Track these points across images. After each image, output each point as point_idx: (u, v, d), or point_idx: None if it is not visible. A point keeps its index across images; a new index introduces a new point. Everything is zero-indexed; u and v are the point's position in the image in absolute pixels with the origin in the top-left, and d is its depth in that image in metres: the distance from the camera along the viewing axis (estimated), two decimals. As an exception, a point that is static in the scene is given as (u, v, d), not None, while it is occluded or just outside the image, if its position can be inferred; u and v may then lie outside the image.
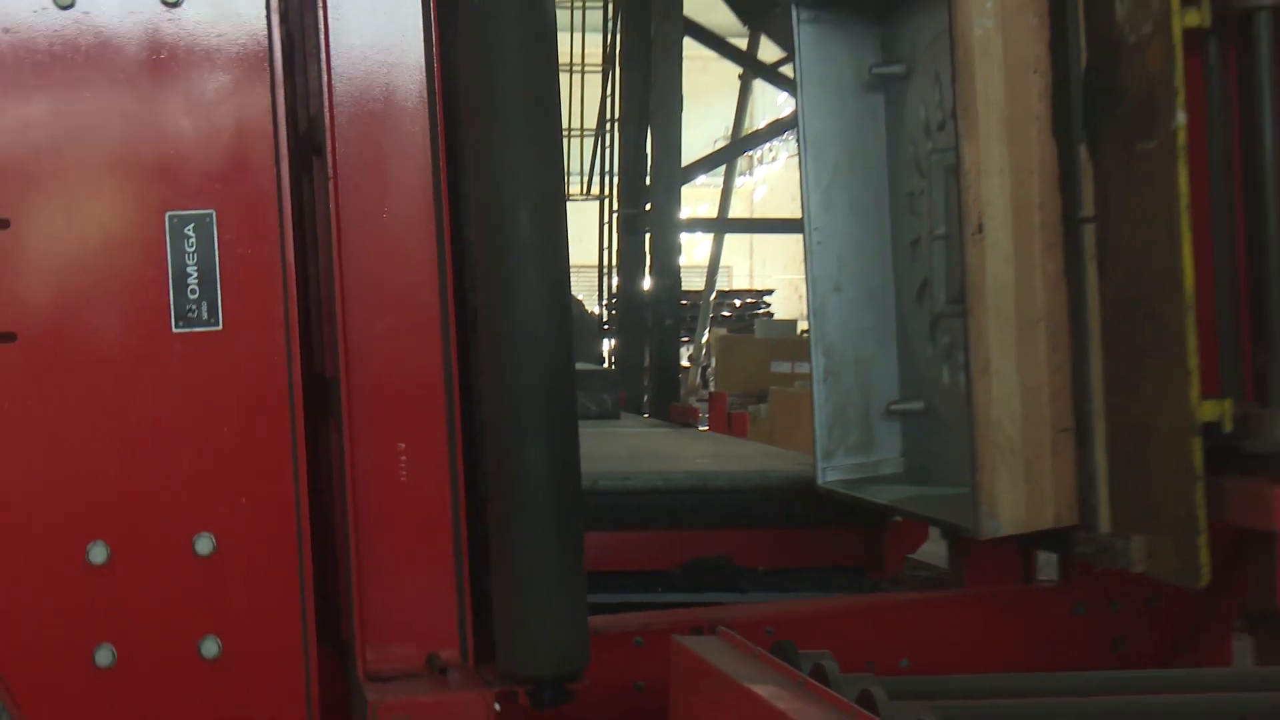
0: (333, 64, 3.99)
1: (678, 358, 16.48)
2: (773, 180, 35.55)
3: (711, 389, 17.66)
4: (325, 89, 4.02)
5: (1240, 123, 4.26)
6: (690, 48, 15.78)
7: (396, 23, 4.04)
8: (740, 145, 21.00)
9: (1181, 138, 4.06)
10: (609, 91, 18.00)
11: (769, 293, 27.71)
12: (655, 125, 15.38)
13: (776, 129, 23.16)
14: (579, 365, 13.92)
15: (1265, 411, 4.09)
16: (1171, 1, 4.06)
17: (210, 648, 3.87)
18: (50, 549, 3.87)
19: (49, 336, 3.86)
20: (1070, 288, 4.47)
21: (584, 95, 18.33)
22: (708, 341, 20.87)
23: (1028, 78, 4.48)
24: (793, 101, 18.85)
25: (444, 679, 3.95)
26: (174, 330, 3.88)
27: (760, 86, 20.87)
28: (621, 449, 8.99)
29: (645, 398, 15.43)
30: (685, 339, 18.30)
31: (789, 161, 34.35)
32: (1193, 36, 4.13)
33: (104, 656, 3.81)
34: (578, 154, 19.81)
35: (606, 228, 18.63)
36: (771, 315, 24.99)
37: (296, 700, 3.98)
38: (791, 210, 32.61)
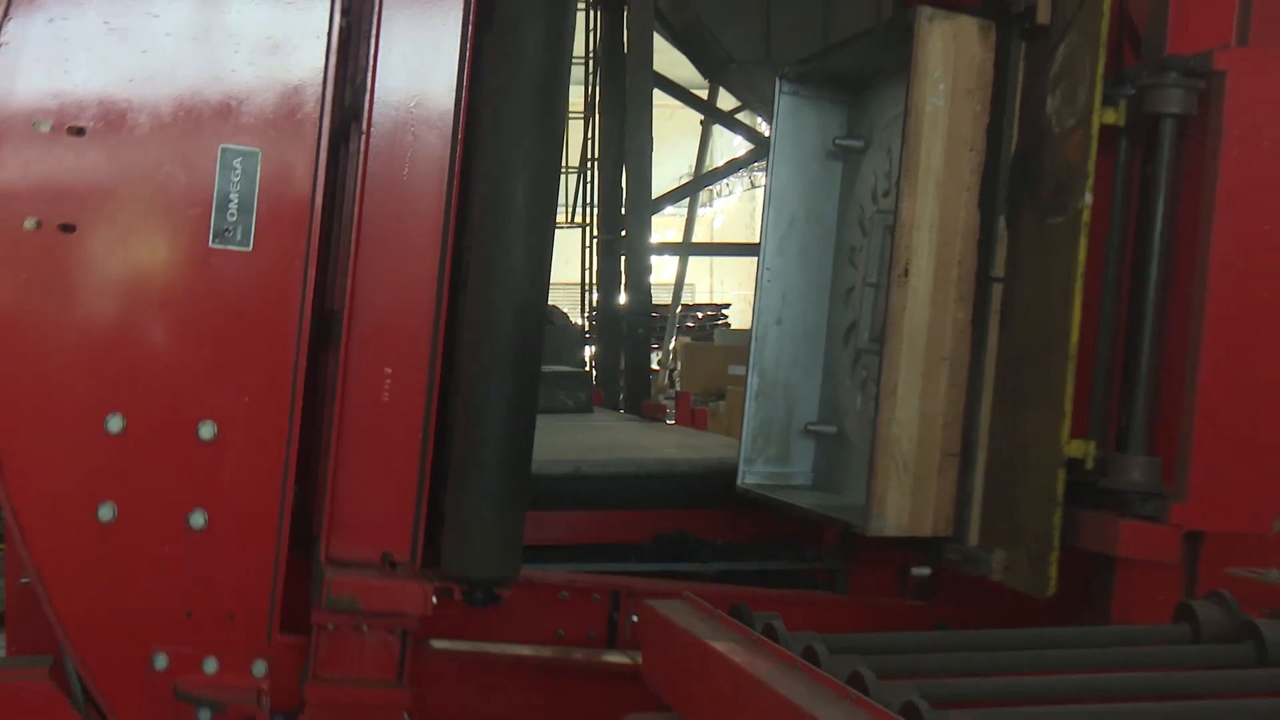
0: (379, 61, 4.26)
1: (648, 362, 16.87)
2: (729, 210, 36.05)
3: (677, 389, 18.01)
4: (370, 73, 4.26)
5: (1137, 209, 4.51)
6: (659, 98, 16.23)
7: (435, 50, 4.30)
8: (702, 181, 21.49)
9: (1086, 216, 4.31)
10: (589, 135, 18.66)
11: (726, 306, 27.97)
12: (629, 163, 15.86)
13: (732, 167, 23.62)
14: (560, 368, 14.32)
15: (1122, 456, 4.33)
16: (1095, 101, 4.33)
17: (198, 519, 4.09)
18: (75, 414, 4.10)
19: (103, 233, 4.09)
20: (975, 335, 4.69)
21: (568, 138, 18.95)
22: (674, 348, 21.25)
23: (965, 153, 4.72)
24: (746, 144, 19.40)
25: (392, 571, 4.16)
26: (210, 245, 4.12)
27: (718, 131, 21.45)
28: (601, 440, 9.32)
29: (621, 396, 15.76)
30: (655, 346, 18.63)
31: (743, 195, 34.85)
32: (1108, 132, 4.41)
33: (106, 513, 4.03)
34: (562, 188, 20.34)
35: (587, 251, 19.31)
36: (729, 325, 25.23)
37: (264, 576, 4.16)
38: (745, 236, 32.97)
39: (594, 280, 18.47)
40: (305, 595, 4.23)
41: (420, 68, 4.34)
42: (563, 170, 21.28)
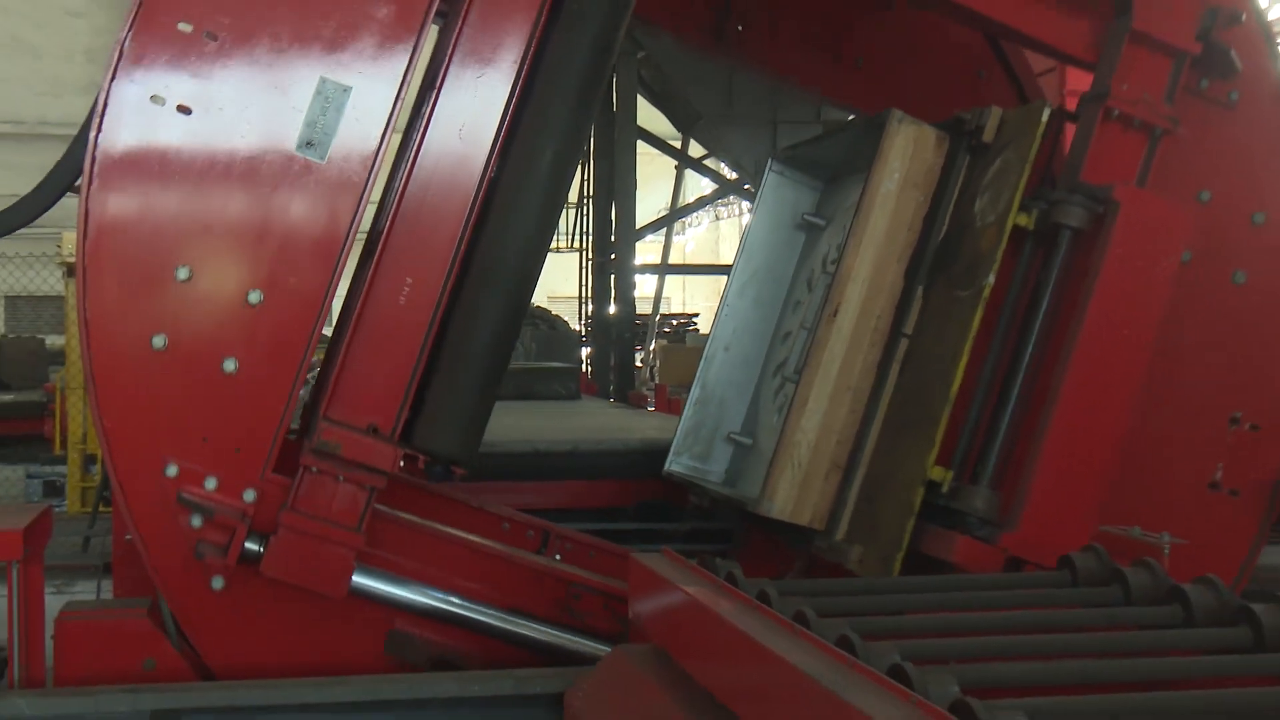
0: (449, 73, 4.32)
1: (633, 360, 17.09)
2: (698, 238, 36.18)
3: (656, 382, 18.18)
4: (443, 69, 4.32)
5: (1029, 297, 4.64)
6: (641, 147, 16.51)
7: (486, 100, 4.30)
8: (676, 214, 21.63)
9: (986, 293, 4.50)
10: (585, 176, 18.53)
11: (696, 315, 28.00)
12: (618, 200, 16.12)
13: (701, 203, 24.06)
14: (554, 364, 14.31)
15: (972, 487, 4.46)
16: (1013, 206, 4.51)
17: (230, 365, 4.12)
18: (150, 265, 4.12)
19: (210, 119, 4.10)
20: (878, 375, 4.80)
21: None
22: (654, 349, 21.37)
23: (902, 231, 4.83)
24: (711, 185, 19.45)
25: (375, 435, 4.20)
26: (293, 149, 4.17)
27: (689, 174, 21.62)
28: (594, 423, 9.23)
29: (611, 387, 16.05)
30: (638, 347, 18.81)
31: (710, 226, 34.99)
32: (1019, 232, 4.57)
33: (159, 342, 4.07)
34: (563, 220, 20.50)
35: (583, 271, 19.43)
36: (698, 331, 25.49)
37: (271, 423, 4.16)
38: (710, 259, 33.14)
39: (589, 294, 18.64)
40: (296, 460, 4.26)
41: (475, 102, 4.39)
42: (566, 205, 21.33)
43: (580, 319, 21.19)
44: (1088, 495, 4.42)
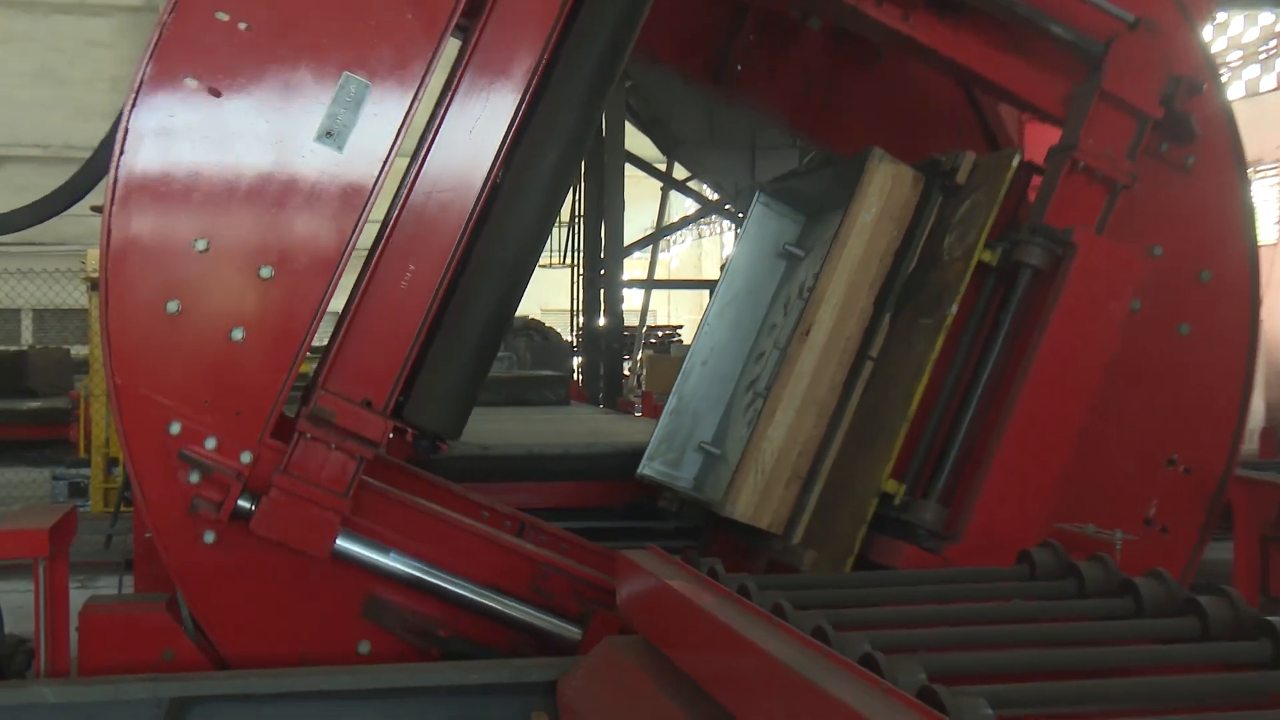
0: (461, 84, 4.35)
1: (621, 369, 17.12)
2: (682, 255, 36.22)
3: (643, 389, 18.28)
4: (459, 75, 4.36)
5: (989, 327, 4.64)
6: (629, 170, 16.51)
7: (496, 107, 4.33)
8: (661, 233, 21.68)
9: (948, 322, 4.52)
10: (577, 197, 18.53)
11: (679, 327, 28.05)
12: (606, 219, 16.13)
13: (684, 222, 24.22)
14: (545, 373, 14.29)
15: (922, 501, 4.44)
16: (979, 243, 4.53)
17: (238, 334, 4.14)
18: (171, 234, 4.13)
19: (240, 98, 4.12)
20: (844, 393, 4.77)
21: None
22: (640, 358, 21.40)
23: (875, 261, 4.82)
24: (694, 205, 19.50)
25: (367, 408, 4.20)
26: (312, 140, 4.19)
27: (674, 194, 21.67)
28: (585, 428, 9.08)
29: (600, 395, 16.06)
30: (626, 357, 18.85)
31: (693, 243, 35.07)
32: (982, 267, 4.58)
33: (172, 306, 4.09)
34: (556, 237, 20.55)
35: (574, 285, 19.45)
36: (681, 341, 25.55)
37: (272, 391, 4.16)
38: (693, 274, 33.12)
39: (580, 307, 18.66)
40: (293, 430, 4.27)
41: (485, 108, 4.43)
42: (558, 224, 21.53)
43: (571, 330, 21.31)
44: (1029, 515, 4.41)
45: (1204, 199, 5.02)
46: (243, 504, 4.09)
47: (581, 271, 18.56)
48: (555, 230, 20.51)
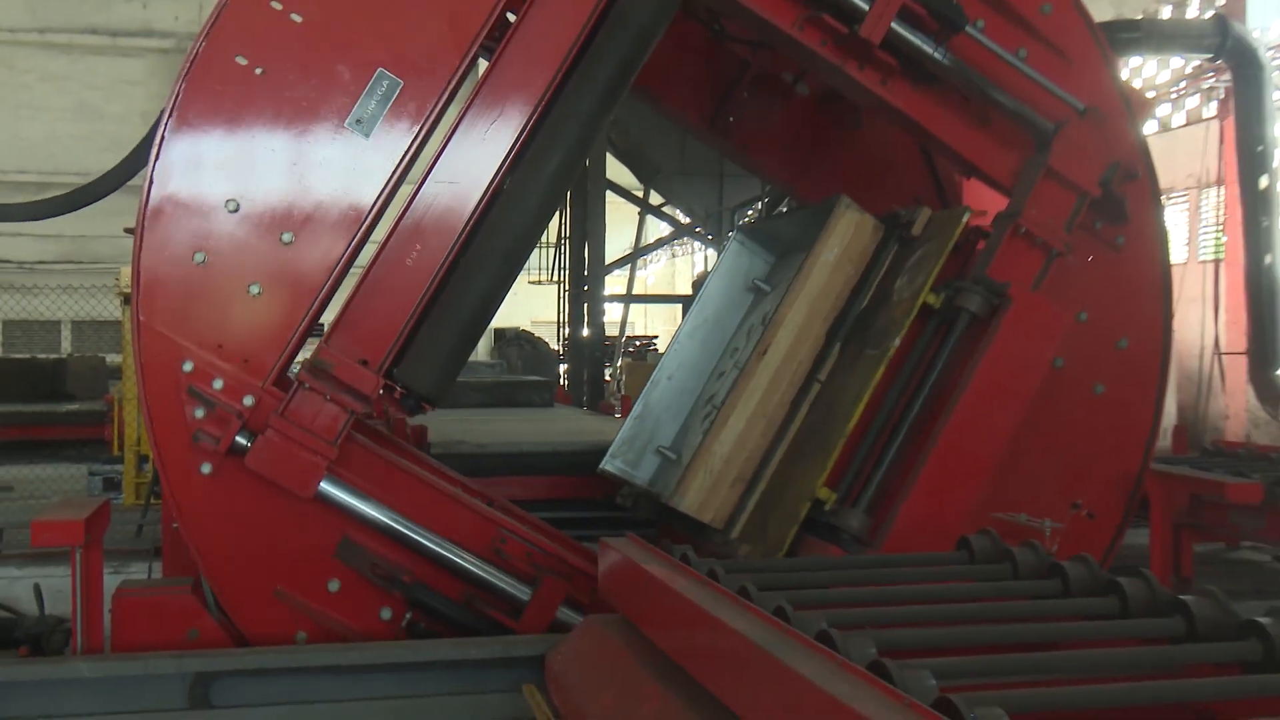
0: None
1: (603, 374, 17.06)
2: (657, 273, 36.13)
3: (622, 393, 18.24)
4: (477, 87, 4.43)
5: (926, 363, 4.66)
6: (610, 196, 16.49)
7: (510, 118, 4.40)
8: (639, 253, 21.66)
9: (890, 354, 4.56)
10: (563, 221, 18.52)
11: (655, 337, 28.11)
12: (589, 240, 16.06)
13: (659, 244, 24.23)
14: (532, 378, 14.23)
15: (850, 509, 4.44)
16: (926, 287, 4.58)
17: (255, 289, 4.19)
18: (206, 192, 4.18)
19: (282, 79, 4.20)
20: (791, 410, 4.79)
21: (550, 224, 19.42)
22: (620, 365, 21.40)
23: (832, 295, 4.86)
24: (668, 228, 19.49)
25: (364, 366, 4.23)
26: (343, 123, 4.24)
27: (650, 218, 21.65)
28: (569, 428, 9.03)
29: (584, 398, 16.04)
30: (607, 364, 18.82)
31: (667, 262, 34.99)
32: (926, 309, 4.64)
33: (199, 258, 4.14)
34: (544, 256, 20.61)
35: (561, 300, 19.42)
36: (657, 350, 25.55)
37: (279, 343, 4.22)
38: (667, 290, 33.03)
39: (566, 319, 18.66)
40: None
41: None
42: (547, 245, 21.35)
43: (558, 340, 21.33)
44: (945, 529, 4.30)
45: (1129, 275, 5.08)
46: (240, 440, 4.11)
47: (567, 288, 18.56)
48: (544, 250, 20.57)
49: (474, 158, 4.42)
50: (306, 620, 4.29)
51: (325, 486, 4.22)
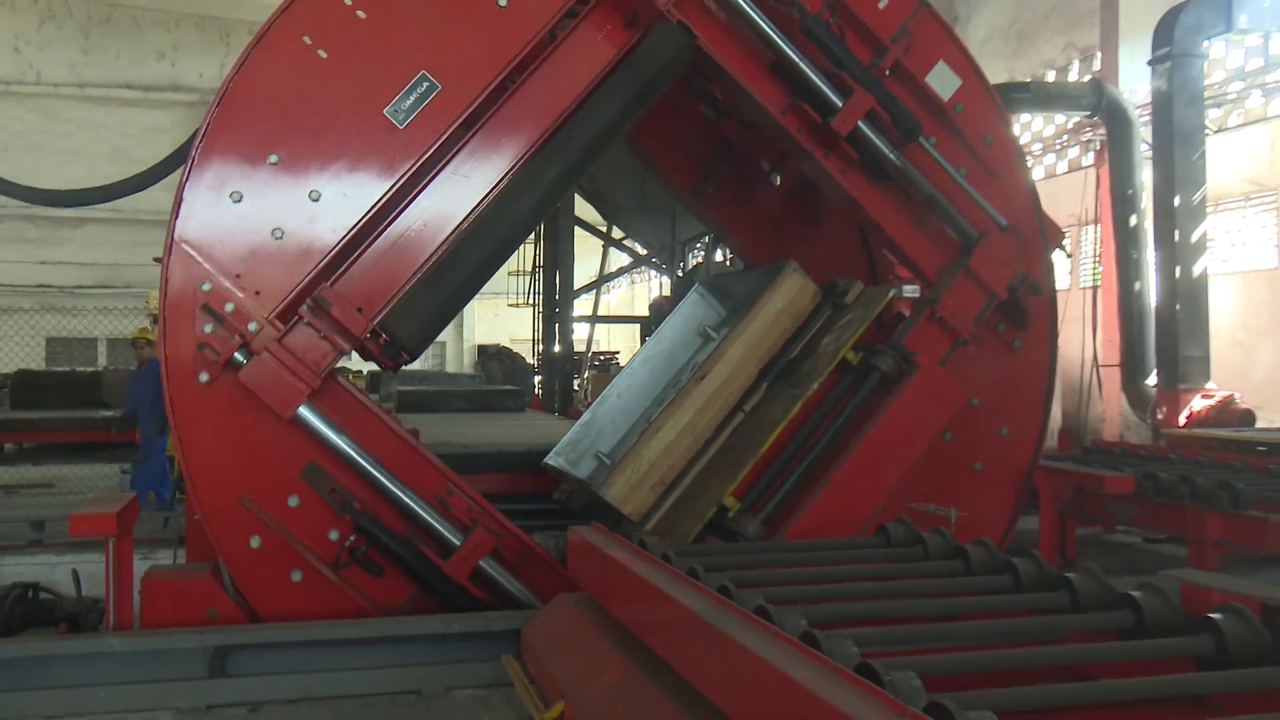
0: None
1: (571, 385, 17.03)
2: (619, 297, 36.04)
3: (589, 401, 18.26)
4: (504, 97, 4.47)
5: (840, 406, 4.68)
6: (578, 231, 16.49)
7: (524, 131, 4.48)
8: (603, 280, 21.59)
9: (807, 395, 4.59)
10: (537, 252, 18.55)
11: (617, 352, 27.95)
12: (560, 269, 16.06)
13: (620, 273, 24.14)
14: (506, 387, 14.11)
15: (751, 516, 4.44)
16: (847, 344, 4.64)
17: (279, 233, 4.21)
18: (252, 145, 4.20)
19: (339, 63, 4.25)
20: (716, 431, 4.73)
21: (524, 254, 19.25)
22: (587, 376, 21.35)
23: (769, 341, 4.84)
24: (628, 259, 19.45)
25: (358, 312, 4.24)
26: (383, 110, 4.25)
27: (613, 250, 21.59)
28: (543, 431, 8.60)
29: (555, 405, 15.97)
30: (576, 376, 18.77)
31: (627, 288, 34.87)
32: (845, 362, 4.69)
33: (236, 197, 4.16)
34: (520, 282, 20.55)
35: (536, 320, 19.35)
36: (618, 363, 25.49)
37: (289, 282, 4.20)
38: (627, 312, 32.92)
39: (540, 337, 18.58)
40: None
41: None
42: (523, 273, 21.21)
43: (533, 355, 21.22)
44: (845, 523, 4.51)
45: (1020, 375, 5.17)
46: (238, 357, 4.10)
47: (541, 310, 18.52)
48: (521, 277, 20.51)
49: (487, 160, 4.44)
50: (263, 527, 4.21)
51: (303, 411, 4.20)
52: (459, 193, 4.41)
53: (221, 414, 4.19)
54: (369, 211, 4.27)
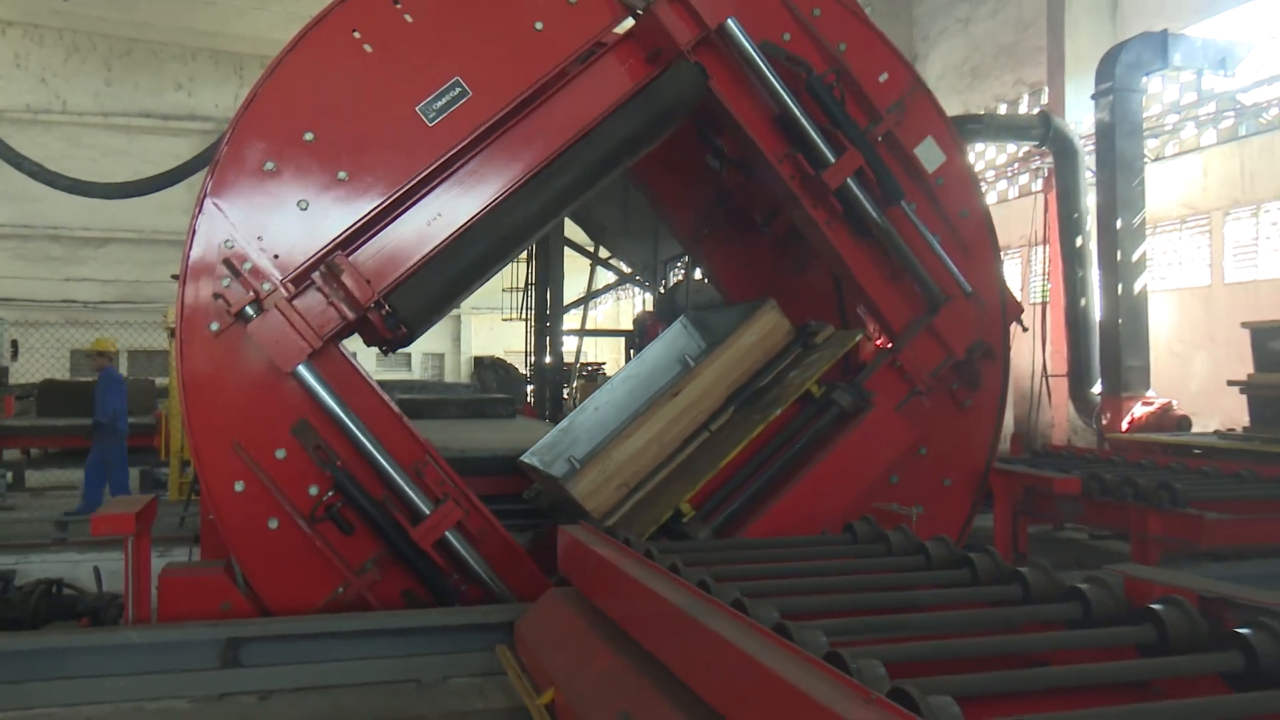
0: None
1: (561, 393, 16.94)
2: (606, 312, 35.88)
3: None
4: (536, 104, 4.47)
5: (797, 435, 4.62)
6: (567, 251, 16.29)
7: (543, 144, 4.49)
8: (590, 296, 21.50)
9: (770, 419, 4.55)
10: (529, 270, 18.45)
11: (603, 363, 27.77)
12: (551, 286, 15.92)
13: (606, 289, 24.07)
14: (498, 395, 14.04)
15: (701, 522, 4.38)
16: (812, 379, 4.65)
17: (303, 204, 4.22)
18: (290, 126, 4.20)
19: (381, 58, 4.27)
20: (682, 445, 4.69)
21: (516, 271, 19.19)
22: (575, 385, 21.26)
23: (740, 370, 4.80)
24: (613, 277, 19.34)
25: (368, 284, 4.21)
26: (415, 107, 4.28)
27: (600, 269, 21.57)
28: (533, 437, 8.83)
29: (546, 412, 15.91)
30: (565, 385, 18.70)
31: (613, 304, 34.74)
32: (809, 394, 4.68)
33: (270, 165, 4.17)
34: (513, 298, 20.49)
35: (528, 334, 19.25)
36: (605, 373, 25.40)
37: (309, 247, 4.18)
38: (613, 325, 32.88)
39: (532, 349, 18.49)
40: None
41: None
42: (517, 290, 21.01)
43: (526, 365, 21.14)
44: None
45: (968, 431, 5.16)
46: (249, 310, 4.09)
47: (533, 323, 18.45)
48: (514, 294, 20.46)
49: (503, 166, 4.43)
50: (249, 474, 4.18)
51: (302, 369, 4.17)
52: (473, 191, 4.40)
53: (226, 363, 4.19)
54: (389, 197, 4.26)
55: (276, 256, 4.17)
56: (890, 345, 5.08)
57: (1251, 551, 5.89)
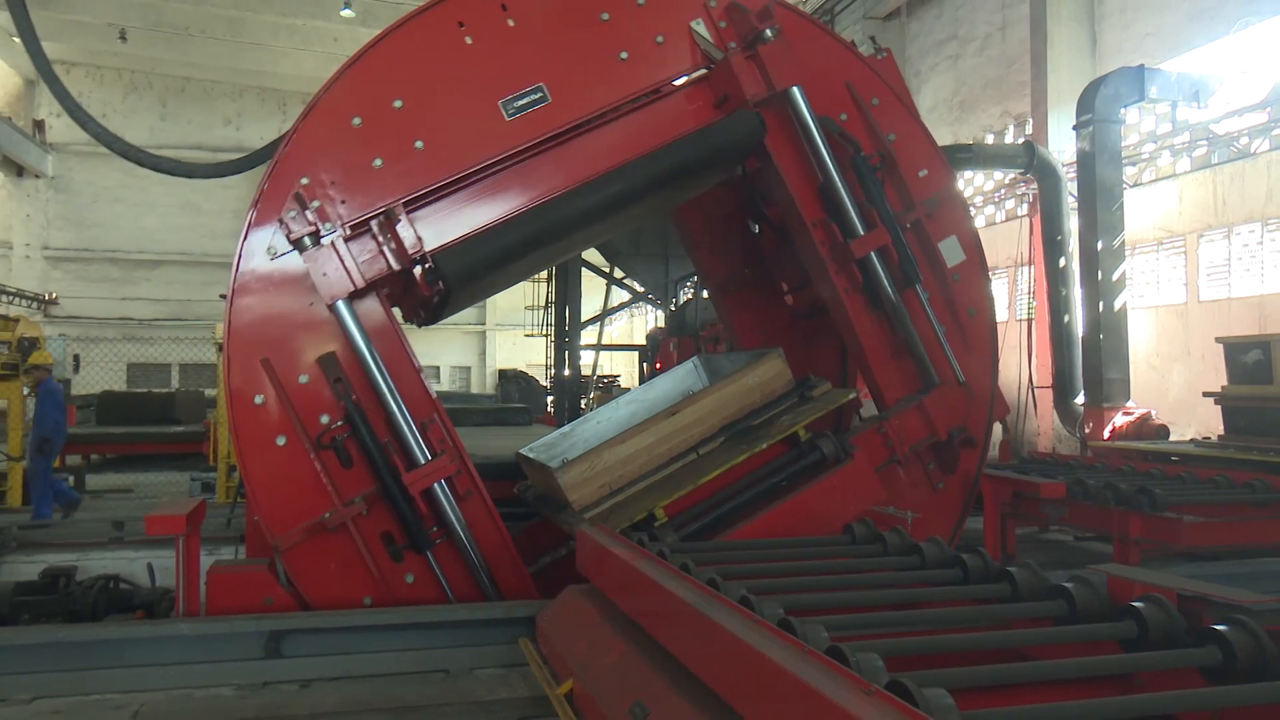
0: None
1: (579, 403, 16.91)
2: (620, 328, 35.86)
3: (594, 419, 18.13)
4: (616, 108, 4.52)
5: (777, 470, 4.50)
6: (585, 272, 16.26)
7: (600, 155, 4.51)
8: (606, 313, 21.52)
9: (755, 450, 4.42)
10: (550, 289, 18.53)
11: (618, 376, 27.81)
12: (569, 304, 15.86)
13: (621, 307, 23.95)
14: (515, 405, 13.98)
15: (671, 530, 4.22)
16: (800, 424, 4.52)
17: (378, 162, 4.22)
18: (380, 94, 4.26)
19: (479, 51, 4.33)
20: (669, 460, 4.51)
21: (536, 290, 19.21)
22: (592, 396, 21.25)
23: (736, 406, 4.64)
24: (627, 295, 19.27)
25: (420, 240, 4.20)
26: (498, 101, 4.34)
27: (615, 289, 21.54)
28: (517, 440, 9.05)
29: (565, 421, 15.92)
30: (583, 396, 18.70)
31: (626, 320, 34.61)
32: (795, 437, 4.54)
33: (356, 121, 4.23)
34: (535, 316, 20.53)
35: (548, 348, 19.31)
36: (620, 384, 25.36)
37: (366, 205, 4.20)
38: (627, 340, 32.83)
39: (552, 362, 18.51)
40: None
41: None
42: (539, 308, 21.05)
43: (546, 378, 21.18)
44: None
45: (936, 513, 5.08)
46: (307, 240, 4.11)
47: (553, 339, 18.50)
48: (535, 311, 20.46)
49: (562, 169, 4.45)
50: (270, 390, 4.17)
51: (340, 305, 4.17)
52: (532, 184, 4.42)
53: (274, 286, 4.20)
54: (456, 174, 4.29)
55: (344, 202, 4.20)
56: (880, 414, 5.01)
57: (1227, 552, 5.83)
